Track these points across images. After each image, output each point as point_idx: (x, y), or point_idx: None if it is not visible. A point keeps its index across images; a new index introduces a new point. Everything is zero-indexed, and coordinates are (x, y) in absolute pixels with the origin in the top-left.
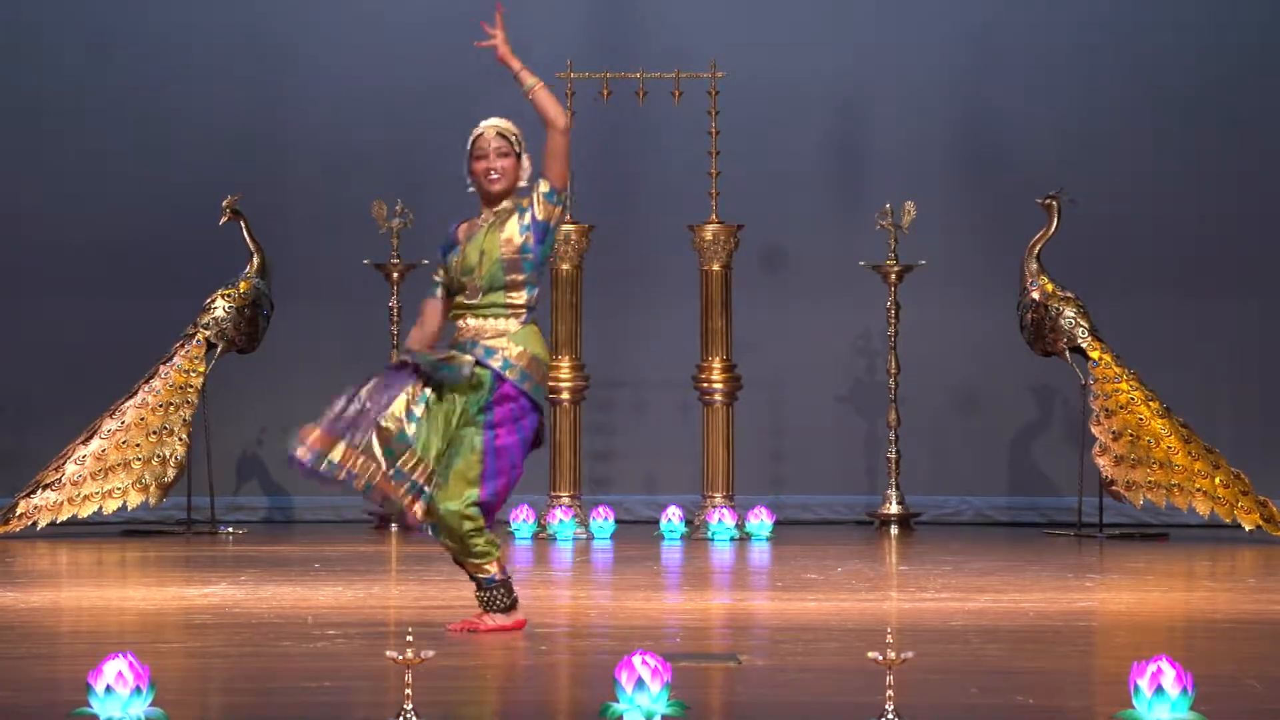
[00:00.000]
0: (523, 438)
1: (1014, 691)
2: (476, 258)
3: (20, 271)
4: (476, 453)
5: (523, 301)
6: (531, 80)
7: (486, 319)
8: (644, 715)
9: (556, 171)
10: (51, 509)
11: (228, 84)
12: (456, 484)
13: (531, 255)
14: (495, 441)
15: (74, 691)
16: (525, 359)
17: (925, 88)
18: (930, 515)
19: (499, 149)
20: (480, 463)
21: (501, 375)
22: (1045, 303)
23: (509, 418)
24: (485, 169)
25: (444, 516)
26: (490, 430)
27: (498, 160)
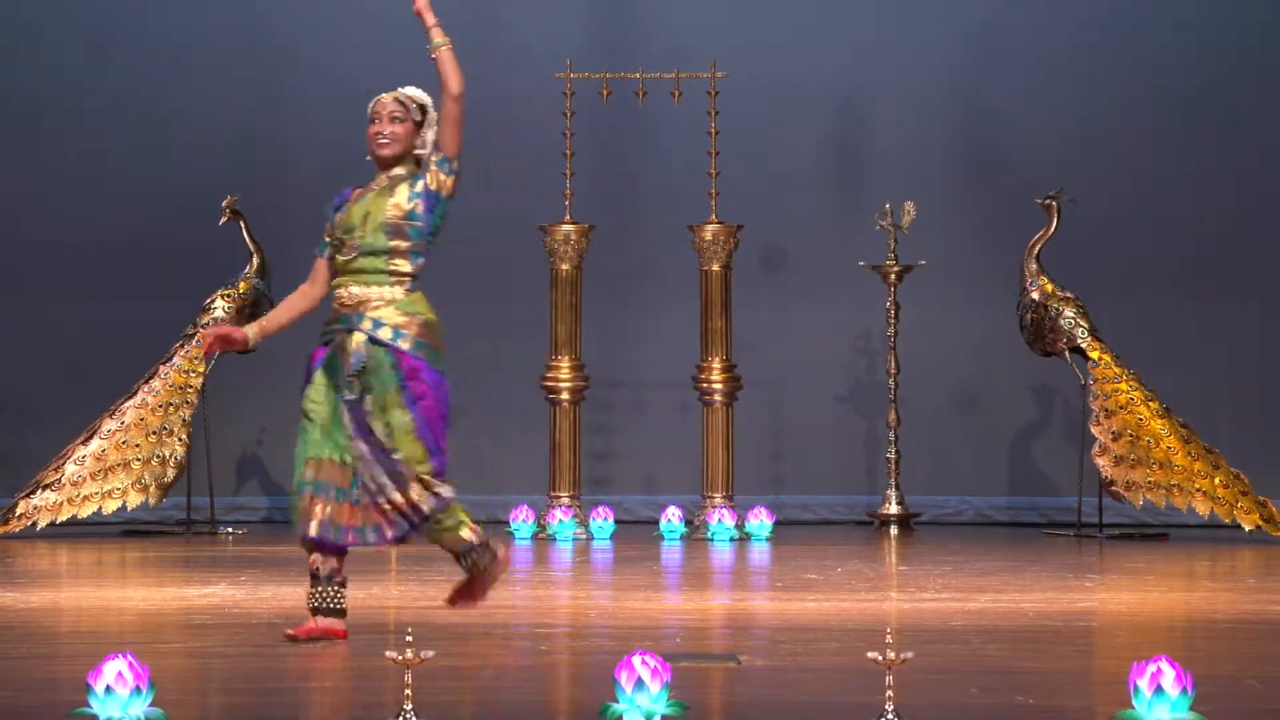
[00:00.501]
0: (441, 399)
1: (1014, 691)
2: (360, 218)
3: (20, 271)
4: (411, 433)
5: (408, 269)
6: (440, 39)
7: (370, 285)
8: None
9: (447, 138)
10: (51, 509)
11: (228, 84)
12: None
13: (420, 223)
14: (424, 414)
15: (74, 691)
16: (415, 326)
17: (925, 88)
18: (930, 515)
19: (392, 113)
20: (420, 440)
21: (396, 347)
22: (1045, 303)
23: (429, 388)
24: (375, 132)
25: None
26: (415, 406)
27: (389, 125)
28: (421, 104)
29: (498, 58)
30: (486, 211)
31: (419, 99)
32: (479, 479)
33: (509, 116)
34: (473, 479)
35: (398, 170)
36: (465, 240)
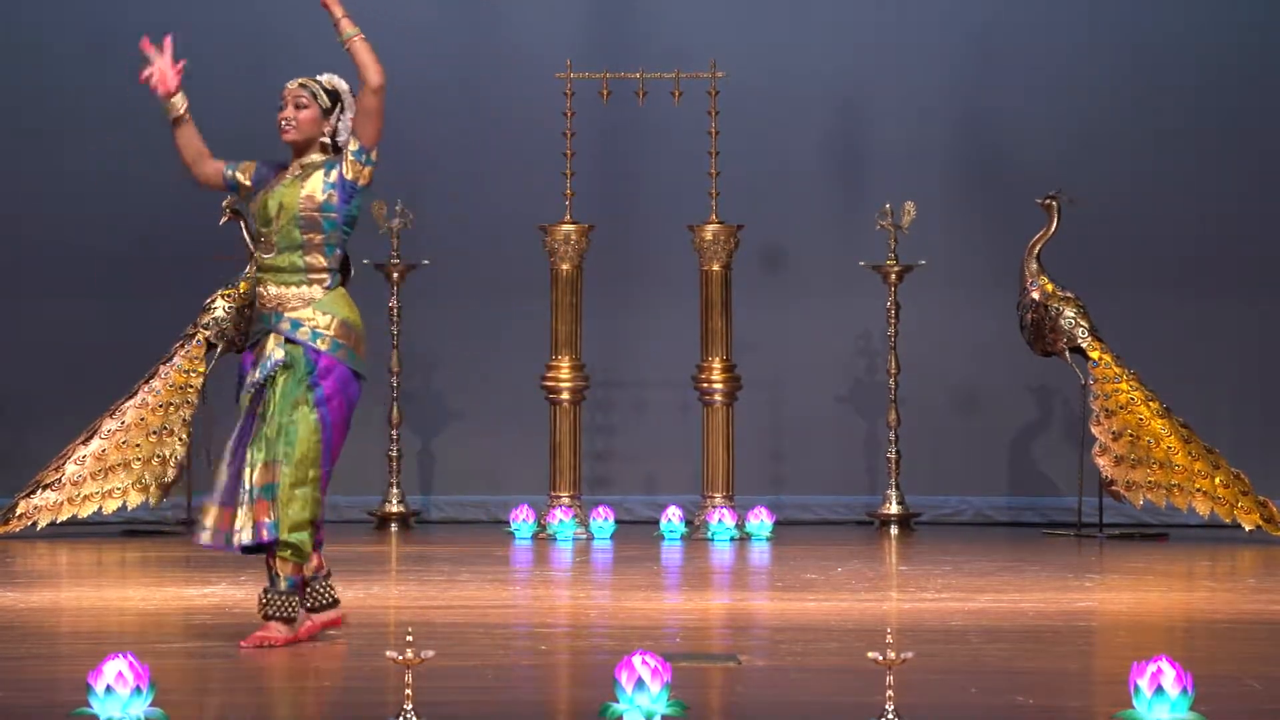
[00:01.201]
0: (349, 400)
1: (1014, 691)
2: (275, 209)
3: (20, 271)
4: (316, 432)
5: (324, 265)
6: (350, 30)
7: (288, 286)
8: (644, 715)
9: (365, 130)
10: (51, 509)
11: (227, 84)
12: (302, 468)
13: (335, 214)
14: (331, 415)
15: (74, 691)
16: (334, 326)
17: (925, 87)
18: (930, 515)
19: (297, 99)
20: (319, 444)
21: (314, 348)
22: (1045, 303)
23: (337, 389)
24: (280, 118)
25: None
26: (323, 406)
27: (293, 110)
28: (332, 90)
29: (497, 58)
30: (487, 211)
31: (330, 85)
32: (479, 479)
33: (509, 116)
34: (473, 479)
35: (311, 157)
36: (465, 240)
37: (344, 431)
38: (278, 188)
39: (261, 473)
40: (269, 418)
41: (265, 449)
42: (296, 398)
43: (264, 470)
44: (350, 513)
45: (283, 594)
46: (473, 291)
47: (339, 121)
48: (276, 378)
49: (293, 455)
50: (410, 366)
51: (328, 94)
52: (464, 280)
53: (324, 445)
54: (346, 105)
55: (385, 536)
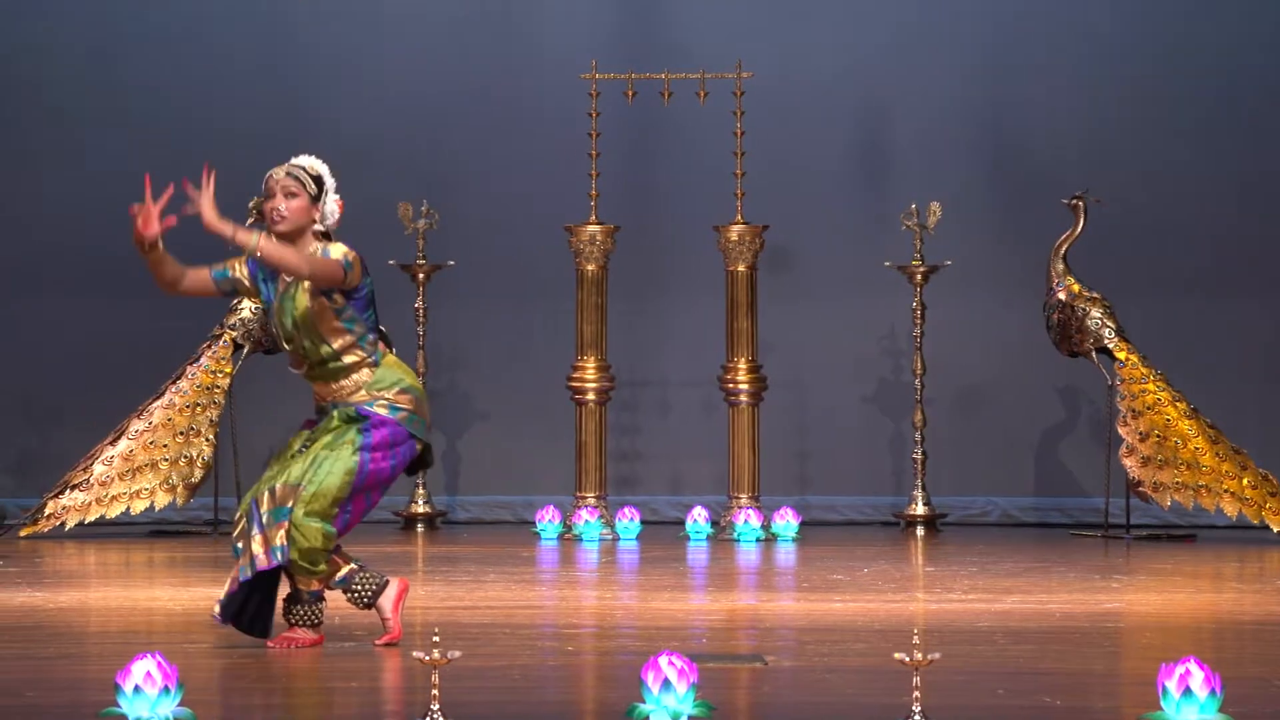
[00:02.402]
0: (393, 464)
1: (1041, 693)
2: (292, 325)
3: (47, 272)
4: (350, 474)
5: (363, 353)
6: (251, 240)
7: (338, 380)
8: (670, 716)
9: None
10: (79, 509)
11: (251, 84)
12: (322, 501)
13: (350, 310)
14: (370, 464)
15: (102, 691)
16: (392, 394)
17: (951, 87)
18: (956, 516)
19: (286, 188)
20: (351, 484)
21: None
22: (1071, 303)
23: (385, 443)
24: (270, 209)
25: (304, 529)
26: (366, 453)
27: (283, 200)
28: (317, 175)
29: (522, 58)
30: (512, 212)
31: (313, 170)
32: (505, 479)
33: (534, 117)
34: (499, 479)
35: (305, 249)
36: (491, 241)
37: (379, 484)
38: (285, 299)
39: (276, 496)
40: (307, 449)
41: (288, 473)
42: (343, 440)
43: (281, 491)
44: (376, 513)
45: (306, 604)
46: (498, 292)
47: (325, 205)
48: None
49: (317, 484)
50: (436, 367)
51: (313, 179)
52: (489, 281)
53: (353, 488)
54: (329, 187)
55: (411, 537)
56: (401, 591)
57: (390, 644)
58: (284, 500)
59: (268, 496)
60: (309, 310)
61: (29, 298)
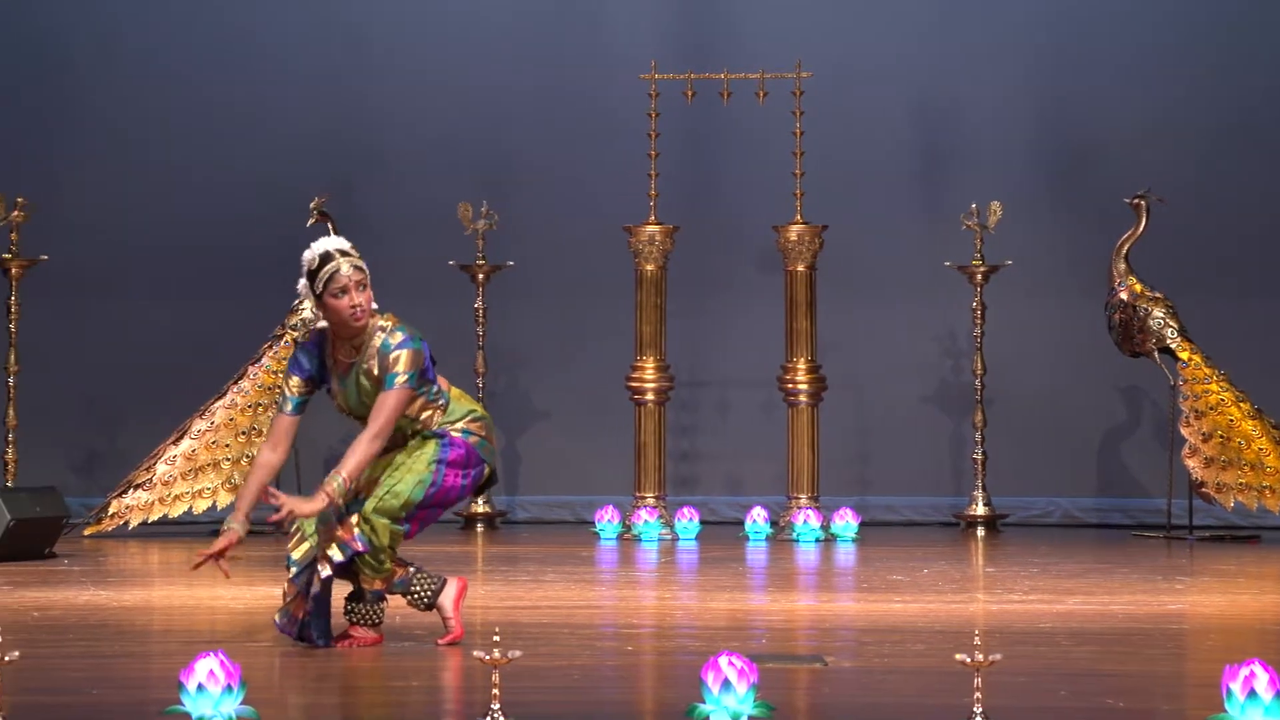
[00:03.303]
0: (464, 484)
1: (1104, 695)
2: (358, 405)
3: (111, 273)
4: (424, 484)
5: (433, 405)
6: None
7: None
8: (730, 716)
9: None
10: (143, 509)
11: (314, 86)
12: (394, 502)
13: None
14: (444, 479)
15: (166, 689)
16: (464, 422)
17: (1011, 86)
18: (1017, 517)
19: (359, 281)
20: (424, 495)
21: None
22: (1133, 303)
23: (460, 461)
24: (350, 305)
25: (375, 525)
26: (442, 465)
27: (359, 294)
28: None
29: (583, 59)
30: (571, 212)
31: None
32: (564, 480)
33: (593, 117)
34: (559, 479)
35: (368, 329)
36: (550, 241)
37: (447, 502)
38: (348, 378)
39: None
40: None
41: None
42: (422, 450)
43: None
44: None
45: (368, 603)
46: (557, 292)
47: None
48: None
49: (392, 485)
50: (495, 367)
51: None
52: (549, 281)
53: (425, 499)
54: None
55: (471, 537)
56: (461, 590)
57: (453, 643)
58: (359, 491)
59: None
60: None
61: (94, 300)
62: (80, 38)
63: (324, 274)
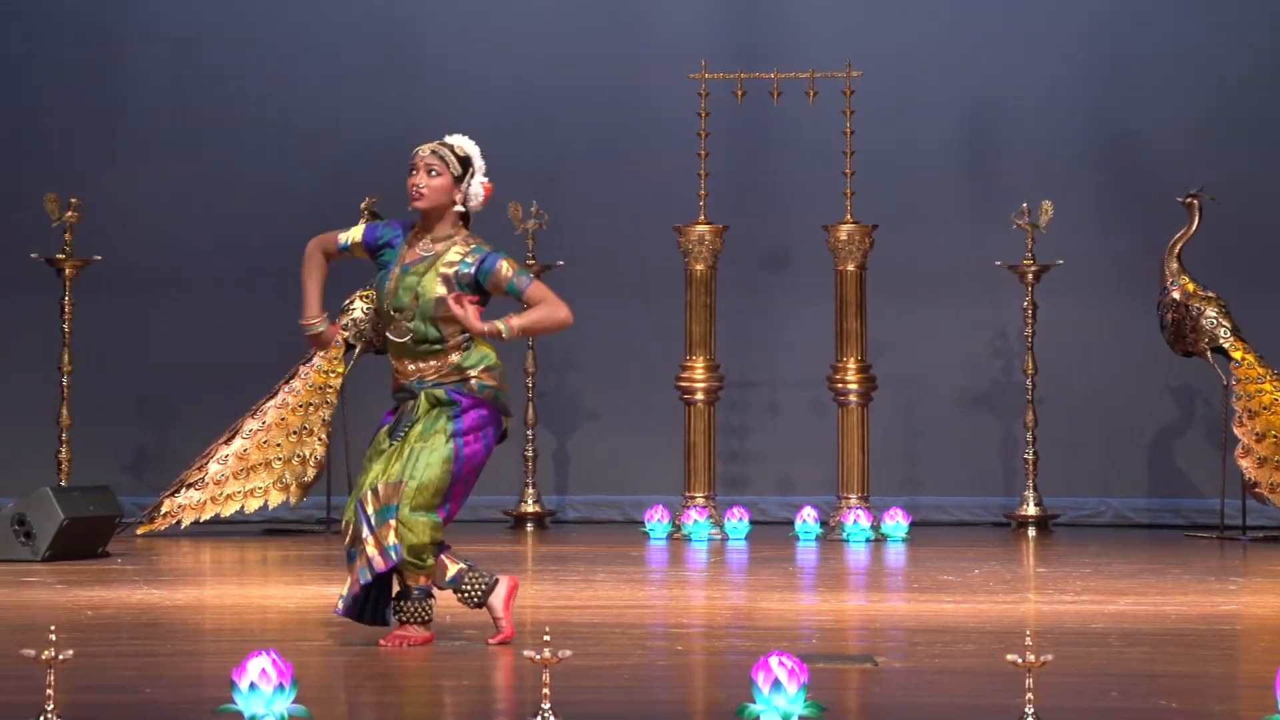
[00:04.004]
0: (487, 444)
1: (1156, 696)
2: (409, 297)
3: (163, 274)
4: (448, 462)
5: (461, 339)
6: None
7: (427, 359)
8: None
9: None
10: (195, 508)
11: (364, 87)
12: (426, 494)
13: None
14: (465, 449)
15: (218, 688)
16: (478, 370)
17: (1060, 85)
18: (1068, 517)
19: (429, 165)
20: (450, 473)
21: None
22: (1186, 302)
23: (475, 426)
24: (410, 184)
25: (411, 525)
26: (459, 439)
27: (424, 177)
28: (464, 156)
29: (633, 59)
30: (621, 212)
31: (461, 150)
32: (615, 480)
33: (643, 117)
34: (608, 479)
35: (444, 230)
36: (600, 241)
37: (476, 468)
38: (411, 275)
39: (379, 495)
40: (403, 444)
41: (388, 470)
42: (434, 429)
43: (384, 490)
44: (486, 512)
45: (416, 600)
46: (607, 292)
47: (469, 187)
48: (418, 415)
49: (419, 478)
50: (545, 367)
51: (459, 159)
52: (598, 281)
53: (453, 476)
54: (476, 169)
55: (521, 536)
56: (511, 590)
57: (504, 643)
58: (388, 499)
59: (371, 497)
60: (439, 300)
61: (146, 300)
62: (134, 41)
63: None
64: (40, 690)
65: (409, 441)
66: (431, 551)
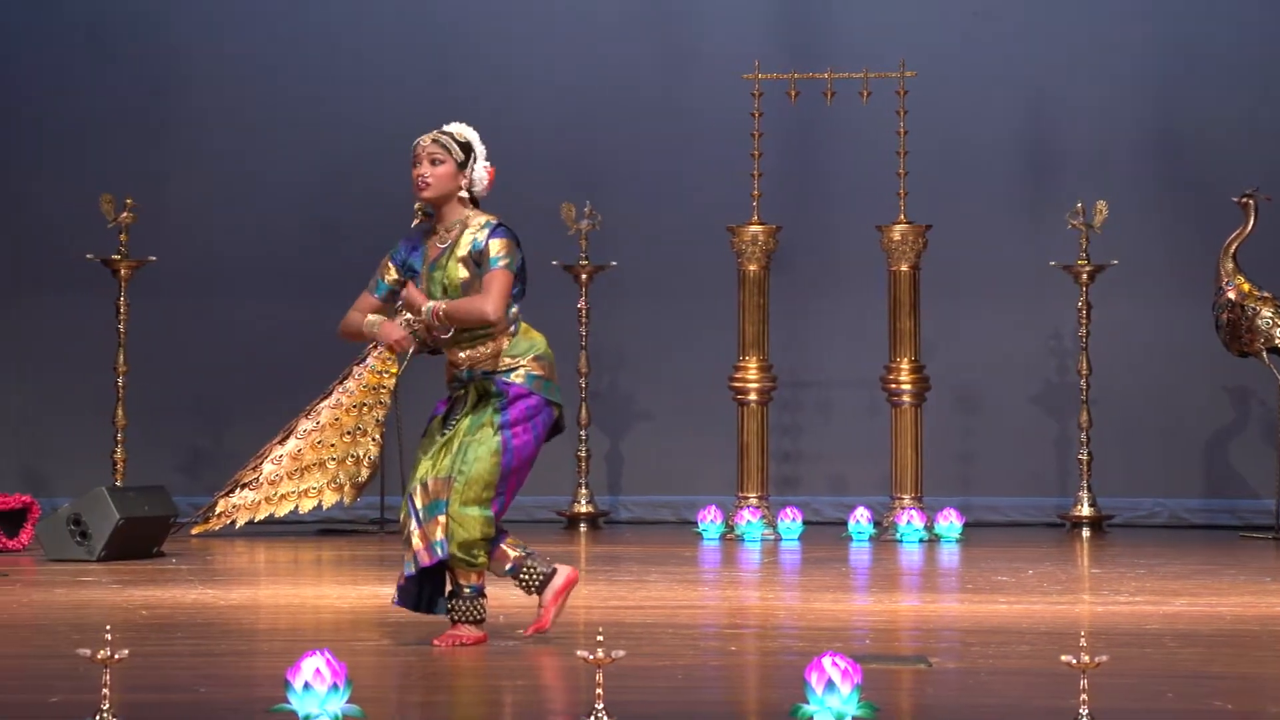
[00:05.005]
0: (536, 435)
1: (1211, 697)
2: (440, 292)
3: (218, 274)
4: (497, 454)
5: (499, 328)
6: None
7: (476, 347)
8: (834, 717)
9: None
10: (249, 508)
11: (416, 87)
12: (475, 488)
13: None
14: (514, 440)
15: (272, 687)
16: (528, 362)
17: (1117, 84)
18: (1123, 518)
19: (431, 155)
20: (500, 466)
21: (508, 382)
22: (1241, 303)
23: (523, 416)
24: (416, 175)
25: (462, 520)
26: (507, 430)
27: (428, 166)
28: (464, 142)
29: (685, 59)
30: (674, 212)
31: (461, 136)
32: (667, 479)
33: (696, 117)
34: (661, 479)
35: (454, 217)
36: (653, 241)
37: (527, 460)
38: (436, 269)
39: (429, 490)
40: (453, 437)
41: (437, 464)
42: (482, 421)
43: (434, 485)
44: (539, 513)
45: (468, 599)
46: (660, 292)
47: (473, 172)
48: (467, 408)
49: (468, 473)
50: (598, 367)
51: (460, 146)
52: (651, 281)
53: (503, 469)
54: (478, 154)
55: (574, 536)
56: (567, 583)
57: (537, 632)
58: (438, 494)
59: (420, 491)
60: (464, 282)
61: (201, 300)
62: (187, 46)
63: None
64: (96, 689)
65: (458, 435)
66: (483, 547)
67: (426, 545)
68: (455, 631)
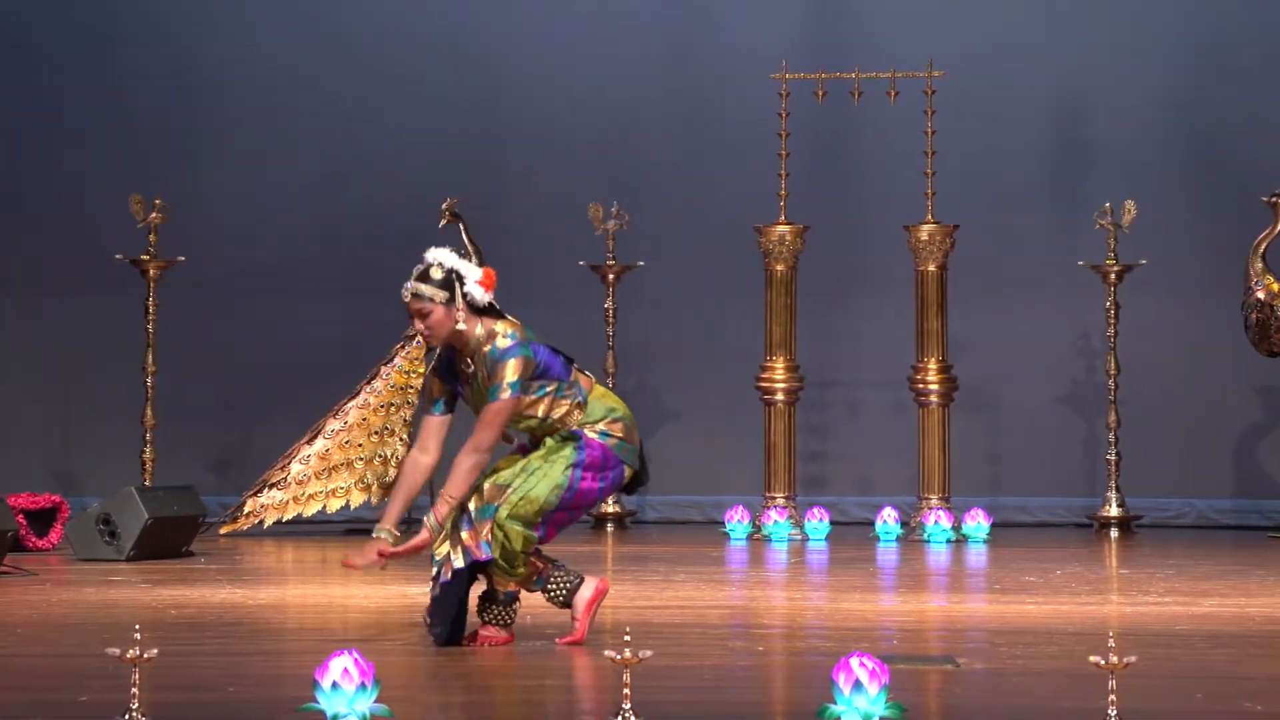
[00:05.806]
0: (602, 487)
1: (1240, 698)
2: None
3: (246, 275)
4: (559, 489)
5: (567, 401)
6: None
7: (553, 430)
8: (861, 717)
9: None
10: (277, 508)
11: (446, 91)
12: (528, 508)
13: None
14: (580, 483)
15: (300, 687)
16: (605, 423)
17: (1146, 84)
18: (1151, 518)
19: (418, 310)
20: (559, 499)
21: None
22: (1271, 302)
23: (597, 464)
24: (418, 330)
25: (508, 530)
26: (578, 470)
27: (421, 322)
28: (442, 278)
29: (713, 59)
30: (701, 213)
31: (437, 274)
32: (694, 480)
33: (724, 118)
34: (688, 480)
35: (470, 337)
36: (680, 241)
37: (585, 505)
38: (472, 393)
39: (484, 495)
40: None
41: (498, 475)
42: (559, 454)
43: (489, 491)
44: None
45: (501, 603)
46: (687, 292)
47: (466, 297)
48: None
49: (526, 491)
50: (625, 367)
51: (439, 284)
52: (679, 281)
53: (560, 503)
54: (463, 273)
55: (602, 536)
56: (597, 593)
57: (573, 644)
58: (491, 499)
59: (475, 495)
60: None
61: (229, 301)
62: (218, 49)
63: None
64: (125, 689)
65: (530, 456)
66: (523, 561)
67: (477, 543)
68: (483, 632)
